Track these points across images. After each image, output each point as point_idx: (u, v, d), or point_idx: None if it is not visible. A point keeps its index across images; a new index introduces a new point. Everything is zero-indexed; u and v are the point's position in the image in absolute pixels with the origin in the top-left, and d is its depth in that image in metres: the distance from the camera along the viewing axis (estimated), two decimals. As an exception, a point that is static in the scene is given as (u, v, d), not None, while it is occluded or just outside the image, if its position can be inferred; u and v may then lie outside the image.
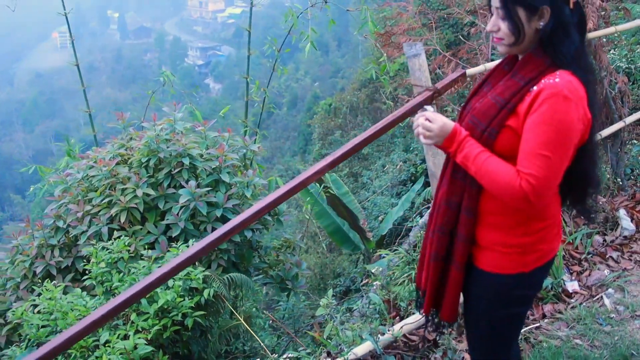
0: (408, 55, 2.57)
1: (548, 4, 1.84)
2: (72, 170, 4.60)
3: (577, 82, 1.83)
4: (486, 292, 2.07)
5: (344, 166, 15.51)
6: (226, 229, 1.92)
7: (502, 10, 1.91)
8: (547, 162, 1.79)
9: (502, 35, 1.95)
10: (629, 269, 3.96)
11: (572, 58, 1.86)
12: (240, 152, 4.86)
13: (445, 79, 2.20)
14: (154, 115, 4.61)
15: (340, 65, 63.36)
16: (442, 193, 2.10)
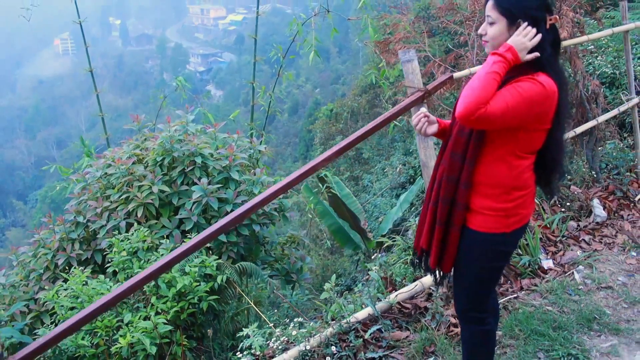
0: (402, 60, 2.90)
1: (526, 20, 2.31)
2: (91, 169, 4.91)
3: (552, 81, 2.28)
4: (475, 248, 2.49)
5: (346, 170, 15.81)
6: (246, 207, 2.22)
7: (490, 17, 2.37)
8: (504, 104, 2.21)
9: (487, 38, 2.40)
10: (599, 250, 4.42)
11: (546, 64, 2.32)
12: (248, 152, 5.16)
13: (435, 81, 2.53)
14: (169, 118, 4.92)
15: (341, 71, 63.67)
16: (442, 170, 2.53)
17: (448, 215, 2.51)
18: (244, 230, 4.53)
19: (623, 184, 5.17)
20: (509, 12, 2.32)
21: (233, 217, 2.37)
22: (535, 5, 2.32)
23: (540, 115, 2.29)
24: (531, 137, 2.34)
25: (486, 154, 2.39)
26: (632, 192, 5.15)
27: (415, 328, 3.38)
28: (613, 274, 4.07)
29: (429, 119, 2.64)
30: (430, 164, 2.90)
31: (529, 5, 2.31)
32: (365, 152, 15.74)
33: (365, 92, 17.54)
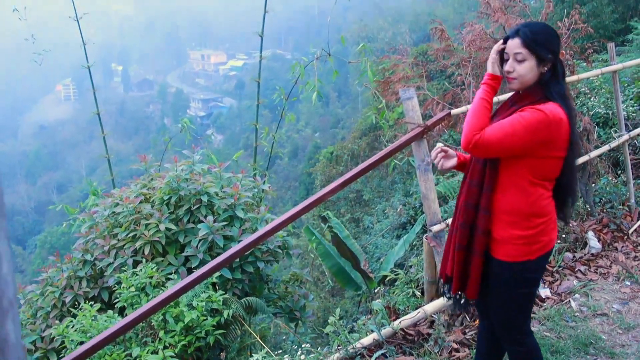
0: (403, 98, 3.06)
1: (552, 55, 2.49)
2: (99, 208, 5.02)
3: (561, 111, 2.42)
4: (502, 277, 2.60)
5: (346, 212, 15.92)
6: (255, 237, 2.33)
7: (520, 55, 2.51)
8: (504, 135, 2.38)
9: (515, 75, 2.53)
10: (594, 280, 4.57)
11: (559, 96, 2.47)
12: (252, 192, 5.29)
13: (434, 117, 2.67)
14: (175, 157, 5.06)
15: (341, 116, 64.26)
16: (462, 198, 2.67)
17: (468, 240, 2.63)
18: (249, 267, 4.62)
19: (617, 217, 5.33)
20: (540, 50, 2.47)
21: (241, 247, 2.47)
22: (558, 42, 2.53)
23: (546, 142, 2.41)
24: (543, 164, 2.47)
25: (502, 181, 2.53)
26: (625, 224, 5.31)
27: (419, 353, 3.49)
28: (608, 302, 4.22)
29: (447, 153, 2.80)
30: (430, 196, 3.03)
31: (555, 43, 2.51)
32: (366, 194, 15.88)
33: (365, 134, 17.78)
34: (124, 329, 2.77)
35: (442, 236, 3.27)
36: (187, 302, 3.78)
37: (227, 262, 2.83)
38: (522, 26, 2.56)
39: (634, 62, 5.72)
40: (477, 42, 4.96)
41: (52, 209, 6.53)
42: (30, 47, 7.26)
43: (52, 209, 6.53)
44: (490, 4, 4.97)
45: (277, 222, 2.59)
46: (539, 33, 2.49)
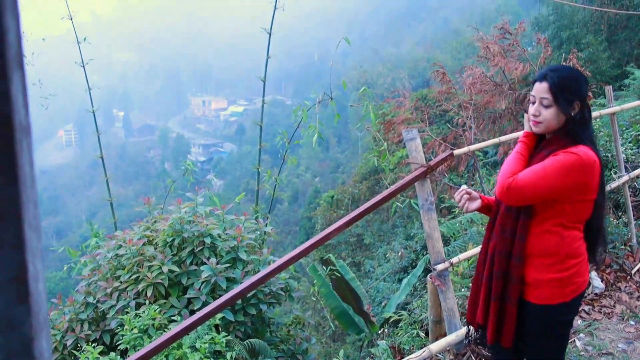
0: (406, 139, 3.12)
1: (579, 100, 2.51)
2: (102, 250, 5.03)
3: (593, 154, 2.44)
4: (537, 321, 2.59)
5: (347, 256, 15.86)
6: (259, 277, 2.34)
7: (547, 100, 2.52)
8: (535, 178, 2.38)
9: (541, 119, 2.55)
10: (599, 319, 4.56)
11: (589, 140, 2.50)
12: (255, 234, 5.30)
13: (437, 158, 2.72)
14: (179, 200, 5.10)
15: (341, 160, 64.54)
16: (493, 245, 2.67)
17: (503, 289, 2.62)
18: (252, 310, 4.61)
19: (619, 257, 5.36)
20: (567, 96, 2.49)
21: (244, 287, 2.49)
22: (586, 88, 2.55)
23: (581, 185, 2.42)
24: (577, 208, 2.48)
25: (535, 227, 2.52)
26: (628, 265, 5.33)
27: (425, 391, 3.45)
28: (613, 341, 4.22)
29: (470, 195, 2.82)
30: (434, 235, 3.06)
31: (582, 89, 2.52)
32: (367, 238, 15.86)
33: (366, 178, 17.85)
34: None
35: (446, 275, 3.28)
36: (190, 344, 3.76)
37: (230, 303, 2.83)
38: (550, 71, 2.57)
39: (631, 105, 5.83)
40: (478, 85, 5.06)
41: (52, 252, 6.54)
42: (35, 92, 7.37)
43: (52, 252, 6.54)
44: (489, 48, 5.08)
45: (280, 262, 2.61)
46: (566, 78, 2.51)
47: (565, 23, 17.73)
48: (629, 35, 17.57)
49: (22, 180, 0.56)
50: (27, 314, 0.57)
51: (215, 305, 2.68)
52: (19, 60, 0.57)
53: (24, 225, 0.56)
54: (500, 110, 5.72)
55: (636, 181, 6.39)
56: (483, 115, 5.45)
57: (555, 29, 17.95)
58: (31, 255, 0.58)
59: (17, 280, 0.56)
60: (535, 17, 20.08)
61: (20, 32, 0.58)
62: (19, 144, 0.55)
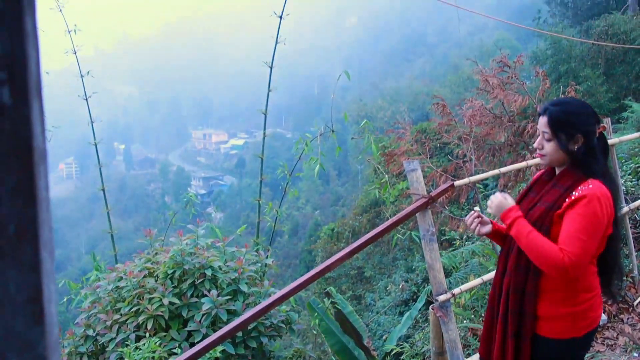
0: (407, 170, 3.14)
1: (582, 134, 2.49)
2: (102, 283, 5.02)
3: (605, 188, 2.45)
4: (548, 355, 2.58)
5: (348, 289, 15.76)
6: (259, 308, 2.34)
7: (548, 134, 2.54)
8: (583, 243, 2.36)
9: (545, 152, 2.57)
10: (602, 351, 4.55)
11: (598, 172, 2.50)
12: (256, 266, 5.30)
13: (438, 189, 2.74)
14: (180, 231, 5.10)
15: (341, 193, 64.52)
16: (507, 282, 2.66)
17: (518, 326, 2.60)
18: (252, 343, 4.58)
19: (621, 289, 5.28)
20: (568, 129, 2.49)
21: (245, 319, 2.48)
22: (591, 120, 2.52)
23: (607, 224, 2.45)
24: None
25: None
26: (630, 296, 5.31)
27: None
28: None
29: (482, 220, 2.82)
30: (436, 266, 3.07)
31: (586, 121, 2.50)
32: (367, 271, 15.77)
33: (367, 211, 17.82)
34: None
35: (448, 306, 3.27)
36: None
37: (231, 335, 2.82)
38: (551, 105, 2.59)
39: (630, 137, 5.87)
40: (477, 117, 5.11)
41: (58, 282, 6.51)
42: None
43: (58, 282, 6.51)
44: (488, 81, 5.15)
45: (281, 294, 2.60)
46: (567, 113, 2.52)
47: (563, 57, 17.92)
48: (626, 69, 17.73)
49: (39, 204, 0.57)
50: (41, 335, 0.58)
51: (216, 337, 2.67)
52: (39, 89, 0.59)
53: (40, 247, 0.58)
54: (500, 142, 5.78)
55: (636, 213, 6.41)
56: (483, 147, 5.51)
57: (553, 62, 18.12)
58: (46, 277, 0.59)
59: (33, 301, 0.58)
60: (533, 51, 20.30)
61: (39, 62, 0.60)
62: (37, 167, 0.57)
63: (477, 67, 5.77)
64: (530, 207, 2.66)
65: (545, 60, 18.75)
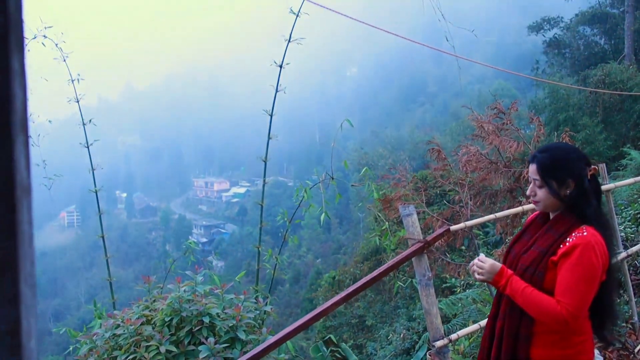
0: (403, 214, 3.16)
1: (572, 178, 2.50)
2: (99, 330, 4.97)
3: (599, 235, 2.45)
4: None
5: (349, 338, 15.59)
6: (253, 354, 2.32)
7: (539, 181, 2.56)
8: (580, 294, 2.37)
9: (538, 199, 2.59)
10: None
11: (592, 217, 2.50)
12: (254, 313, 5.25)
13: (434, 233, 2.75)
14: (179, 278, 5.08)
15: (342, 242, 64.29)
16: (499, 326, 2.64)
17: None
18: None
19: (621, 335, 5.28)
20: (557, 175, 2.51)
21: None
22: (579, 164, 2.53)
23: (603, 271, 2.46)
24: None
25: None
26: (631, 343, 5.24)
27: None
28: (618, 422, 4.08)
29: None
30: (432, 311, 3.04)
31: (576, 165, 2.52)
32: (369, 320, 15.62)
33: (368, 259, 17.76)
34: None
35: (445, 352, 3.23)
36: None
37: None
38: (539, 152, 2.63)
39: (626, 182, 5.89)
40: (473, 162, 5.14)
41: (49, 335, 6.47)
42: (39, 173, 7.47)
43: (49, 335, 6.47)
44: (484, 127, 5.21)
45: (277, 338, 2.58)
46: (555, 158, 2.54)
47: (561, 105, 18.14)
48: (624, 117, 17.91)
49: (21, 237, 0.59)
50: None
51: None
52: (24, 125, 0.61)
53: (20, 281, 0.59)
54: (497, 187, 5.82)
55: (637, 259, 6.39)
56: (481, 193, 5.54)
57: (551, 111, 18.33)
58: (25, 311, 0.60)
59: (11, 335, 0.58)
60: (531, 100, 20.56)
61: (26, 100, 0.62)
62: (19, 202, 0.59)
63: (473, 113, 5.85)
64: (524, 250, 2.66)
65: (543, 109, 18.97)
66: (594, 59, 23.64)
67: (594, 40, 26.21)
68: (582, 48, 25.54)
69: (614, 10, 25.62)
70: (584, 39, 26.04)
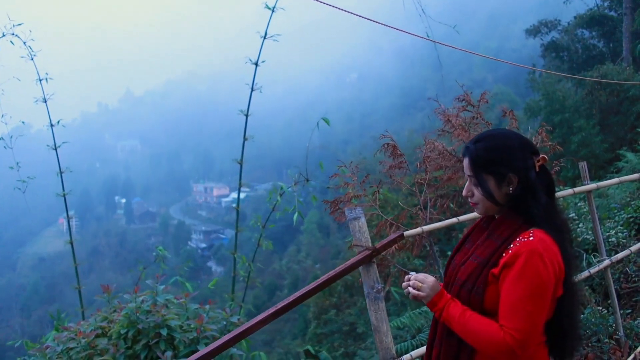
0: (349, 218, 2.83)
1: (514, 172, 2.07)
2: (52, 343, 4.66)
3: (550, 240, 2.00)
4: None
5: (339, 346, 15.29)
6: None
7: (474, 178, 2.13)
8: (527, 315, 1.92)
9: (476, 200, 2.16)
10: None
11: (542, 218, 2.03)
12: (221, 324, 4.94)
13: (385, 239, 2.43)
14: (137, 288, 4.78)
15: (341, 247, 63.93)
16: (435, 354, 2.20)
17: None
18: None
19: (603, 352, 4.80)
20: (495, 169, 2.08)
21: None
22: (522, 154, 2.08)
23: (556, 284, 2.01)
24: None
25: None
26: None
27: None
28: None
29: None
30: (382, 328, 2.73)
31: (517, 155, 2.08)
32: (360, 327, 15.31)
33: (360, 265, 17.47)
34: None
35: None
36: None
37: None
38: (472, 142, 2.18)
39: (610, 182, 5.50)
40: (439, 160, 4.78)
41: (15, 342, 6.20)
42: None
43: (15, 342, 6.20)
44: (451, 120, 4.86)
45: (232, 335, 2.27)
46: (492, 149, 2.10)
47: (557, 107, 17.85)
48: (621, 119, 17.64)
49: None
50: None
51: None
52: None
53: None
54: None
55: (628, 266, 6.02)
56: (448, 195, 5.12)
57: (547, 113, 18.04)
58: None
59: None
60: (527, 102, 20.30)
61: None
62: None
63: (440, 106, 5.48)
64: (462, 262, 2.20)
65: (539, 111, 18.70)
66: (592, 61, 23.38)
67: (592, 43, 25.98)
68: (580, 51, 25.30)
69: (612, 13, 25.37)
70: (582, 42, 25.80)
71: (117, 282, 33.01)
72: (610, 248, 6.13)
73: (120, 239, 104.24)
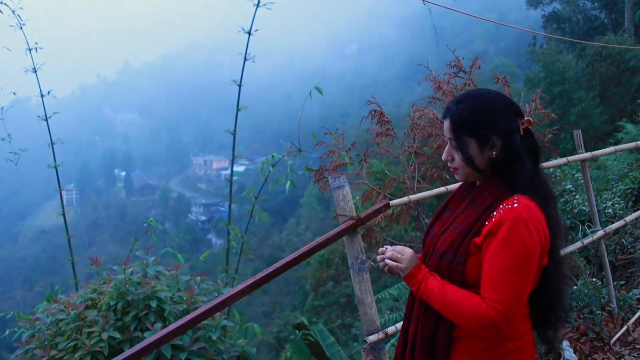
0: (332, 187, 2.74)
1: (498, 135, 1.95)
2: (41, 315, 4.63)
3: (535, 206, 1.90)
4: None
5: (337, 317, 15.36)
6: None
7: (454, 141, 2.01)
8: (511, 286, 1.82)
9: (457, 165, 2.04)
10: None
11: (526, 184, 1.93)
12: (212, 296, 4.90)
13: (370, 209, 2.36)
14: (126, 260, 4.73)
15: (340, 219, 64.25)
16: (412, 330, 2.10)
17: None
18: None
19: (595, 324, 4.71)
20: (477, 131, 1.96)
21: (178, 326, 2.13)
22: (506, 115, 1.96)
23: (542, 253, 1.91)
24: None
25: None
26: (606, 333, 4.67)
27: None
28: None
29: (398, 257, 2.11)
30: (366, 300, 2.67)
31: (499, 118, 1.96)
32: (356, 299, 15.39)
33: (358, 237, 17.48)
34: None
35: (380, 348, 2.82)
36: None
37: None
38: (453, 103, 2.04)
39: (604, 151, 5.38)
40: (428, 128, 4.68)
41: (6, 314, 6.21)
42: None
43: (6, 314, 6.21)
44: (441, 87, 4.75)
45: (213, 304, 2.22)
46: (474, 110, 1.96)
47: (557, 79, 17.65)
48: (621, 91, 17.47)
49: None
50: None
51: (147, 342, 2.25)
52: None
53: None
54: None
55: (624, 237, 5.96)
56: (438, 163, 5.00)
57: (546, 85, 17.86)
58: None
59: None
60: (526, 74, 20.12)
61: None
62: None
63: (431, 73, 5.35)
64: (441, 231, 2.10)
65: (538, 82, 18.53)
66: (593, 32, 23.13)
67: (594, 14, 25.71)
68: (581, 22, 25.02)
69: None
70: (583, 13, 25.53)
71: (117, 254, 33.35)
72: (606, 219, 6.06)
73: (120, 211, 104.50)
